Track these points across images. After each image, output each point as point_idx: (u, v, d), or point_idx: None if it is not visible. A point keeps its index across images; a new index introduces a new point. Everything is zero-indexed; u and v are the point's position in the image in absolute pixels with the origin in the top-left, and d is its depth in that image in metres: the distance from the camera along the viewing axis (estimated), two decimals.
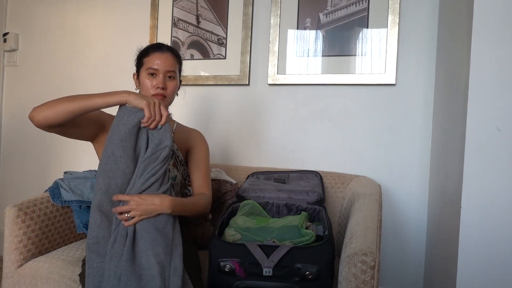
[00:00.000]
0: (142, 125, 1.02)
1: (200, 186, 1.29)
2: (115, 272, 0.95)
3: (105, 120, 1.22)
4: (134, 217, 1.00)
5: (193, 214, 1.18)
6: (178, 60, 1.29)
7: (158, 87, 1.21)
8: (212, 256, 1.07)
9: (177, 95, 1.33)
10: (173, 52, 1.27)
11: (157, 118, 1.03)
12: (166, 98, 1.24)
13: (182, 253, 1.01)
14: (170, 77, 1.24)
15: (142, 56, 1.26)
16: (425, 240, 1.67)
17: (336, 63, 1.74)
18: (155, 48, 1.26)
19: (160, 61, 1.22)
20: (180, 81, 1.33)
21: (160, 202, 1.01)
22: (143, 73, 1.24)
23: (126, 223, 1.00)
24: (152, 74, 1.22)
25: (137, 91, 1.29)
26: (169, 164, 1.21)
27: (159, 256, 0.97)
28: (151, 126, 1.03)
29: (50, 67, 2.25)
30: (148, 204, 1.00)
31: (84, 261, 1.18)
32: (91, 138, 1.22)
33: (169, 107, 1.37)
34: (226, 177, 1.63)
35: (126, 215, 1.00)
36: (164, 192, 1.05)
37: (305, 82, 1.78)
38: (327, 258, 1.02)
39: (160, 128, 1.04)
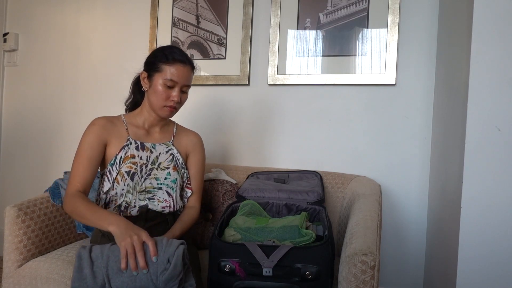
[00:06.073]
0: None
1: (191, 198, 1.33)
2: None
3: (103, 141, 1.21)
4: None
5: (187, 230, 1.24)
6: (193, 72, 1.28)
7: (173, 100, 1.21)
8: (212, 256, 1.07)
9: None
10: (192, 65, 1.25)
11: (132, 266, 0.90)
12: (176, 109, 1.25)
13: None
14: (184, 90, 1.24)
15: (163, 61, 1.20)
16: (425, 240, 1.67)
17: (336, 63, 1.74)
18: (178, 59, 1.20)
19: (181, 74, 1.20)
20: None
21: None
22: (160, 80, 1.19)
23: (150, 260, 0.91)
24: (169, 86, 1.20)
25: (145, 91, 1.27)
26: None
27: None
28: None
29: (50, 67, 2.25)
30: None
31: None
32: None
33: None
34: (226, 177, 1.63)
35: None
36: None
37: (305, 82, 1.78)
38: (327, 258, 1.02)
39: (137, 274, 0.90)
